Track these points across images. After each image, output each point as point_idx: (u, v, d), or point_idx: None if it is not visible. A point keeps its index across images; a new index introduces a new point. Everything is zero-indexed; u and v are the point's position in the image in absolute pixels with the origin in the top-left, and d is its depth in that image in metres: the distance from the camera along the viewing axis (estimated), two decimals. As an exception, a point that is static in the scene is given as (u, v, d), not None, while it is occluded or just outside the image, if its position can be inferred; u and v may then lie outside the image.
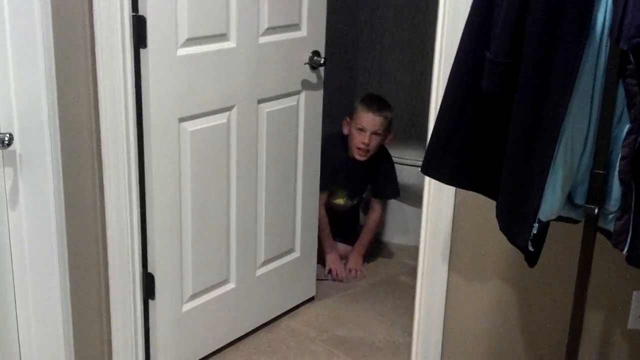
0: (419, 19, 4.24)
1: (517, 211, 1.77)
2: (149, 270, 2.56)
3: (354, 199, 3.72)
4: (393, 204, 4.01)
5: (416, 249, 2.56)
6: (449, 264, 2.42)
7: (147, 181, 2.49)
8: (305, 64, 2.95)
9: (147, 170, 2.47)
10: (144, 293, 2.55)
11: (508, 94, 1.75)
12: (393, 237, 4.02)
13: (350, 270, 3.59)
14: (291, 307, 3.21)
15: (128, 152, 2.39)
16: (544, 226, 1.78)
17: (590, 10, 1.59)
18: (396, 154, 3.85)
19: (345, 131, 3.52)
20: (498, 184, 1.86)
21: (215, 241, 2.77)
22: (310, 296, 3.33)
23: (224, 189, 2.75)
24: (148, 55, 2.37)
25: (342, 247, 3.71)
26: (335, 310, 3.29)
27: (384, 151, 3.64)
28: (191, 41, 2.49)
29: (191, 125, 2.57)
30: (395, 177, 3.71)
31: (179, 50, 2.46)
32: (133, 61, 2.36)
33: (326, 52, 3.04)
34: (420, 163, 1.98)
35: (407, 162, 3.83)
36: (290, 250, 3.16)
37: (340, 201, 3.67)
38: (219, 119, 2.67)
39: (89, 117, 2.32)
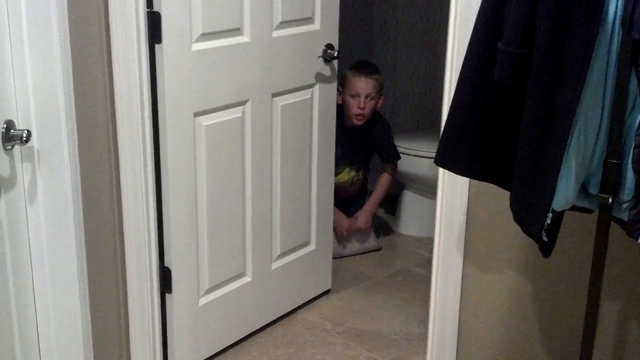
0: (432, 10, 4.25)
1: (530, 201, 1.77)
2: (166, 264, 2.58)
3: (358, 171, 3.76)
4: (404, 195, 4.02)
5: (431, 240, 2.57)
6: (464, 256, 2.43)
7: (163, 175, 2.51)
8: (318, 57, 2.97)
9: (163, 164, 2.49)
10: (161, 287, 2.57)
11: (520, 84, 1.75)
12: (408, 228, 4.04)
13: (359, 223, 3.70)
14: (307, 300, 3.23)
15: (144, 147, 2.41)
16: (558, 216, 1.79)
17: (601, 0, 1.59)
18: (410, 145, 3.86)
19: (339, 100, 3.48)
20: (512, 175, 1.86)
21: (231, 235, 2.78)
22: (326, 289, 3.34)
23: (239, 183, 2.76)
24: (163, 50, 2.39)
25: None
26: (351, 302, 3.30)
27: (377, 115, 3.73)
28: (205, 36, 2.50)
29: (206, 120, 2.58)
30: (392, 140, 3.80)
31: (193, 45, 2.47)
32: (148, 57, 2.37)
33: (339, 45, 3.05)
34: (434, 154, 1.99)
35: (421, 154, 3.83)
36: (306, 243, 3.17)
37: (344, 177, 3.70)
38: (234, 113, 2.69)
39: (105, 112, 2.34)
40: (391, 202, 4.15)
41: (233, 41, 2.62)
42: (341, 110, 3.54)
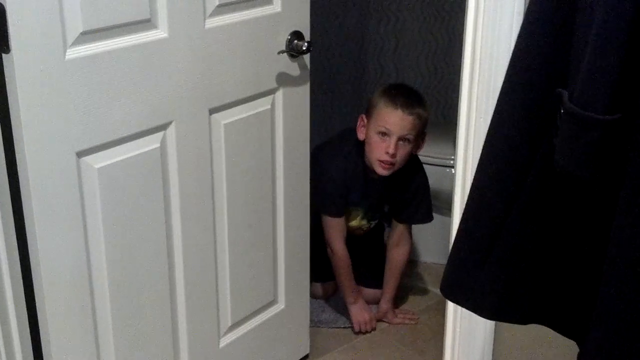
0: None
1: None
2: (46, 369, 1.75)
3: (371, 220, 2.80)
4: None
5: (442, 268, 1.69)
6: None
7: (31, 254, 1.65)
8: (281, 52, 2.08)
9: (30, 238, 1.64)
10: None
11: (605, 176, 0.87)
12: (416, 253, 3.17)
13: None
14: (276, 375, 2.40)
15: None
16: None
17: None
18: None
19: (361, 136, 2.55)
20: (577, 319, 1.00)
21: (153, 315, 1.94)
22: (304, 355, 2.52)
23: (162, 242, 1.91)
24: (13, 63, 1.52)
25: (370, 293, 2.81)
26: (336, 373, 2.48)
27: (415, 163, 2.66)
28: (90, 35, 1.63)
29: (99, 160, 1.72)
30: (429, 197, 2.73)
31: (68, 51, 1.60)
32: (-11, 74, 1.51)
33: (316, 28, 2.17)
34: (449, 160, 1.13)
35: (432, 161, 2.94)
36: (272, 302, 2.34)
37: (353, 223, 2.76)
38: (148, 144, 1.82)
39: None
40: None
41: (141, 38, 1.74)
42: (361, 144, 2.58)
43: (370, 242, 2.88)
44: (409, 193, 2.67)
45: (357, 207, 2.71)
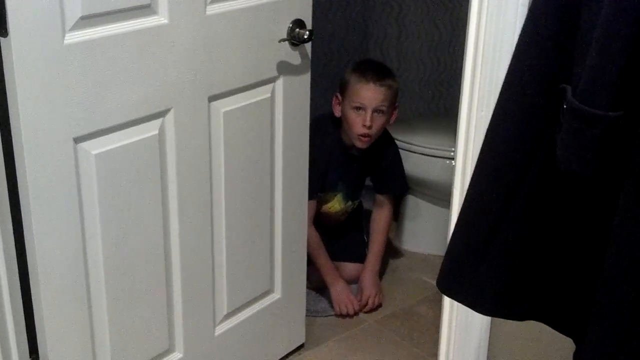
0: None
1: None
2: (41, 356, 1.74)
3: (353, 200, 2.86)
4: (408, 201, 3.13)
5: (440, 259, 1.69)
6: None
7: (26, 235, 1.64)
8: (282, 40, 2.06)
9: (26, 220, 1.63)
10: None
11: (609, 174, 0.86)
12: (412, 244, 3.16)
13: (368, 300, 2.73)
14: (271, 364, 2.40)
15: (-16, 201, 1.54)
16: None
17: None
18: (418, 140, 2.98)
19: (337, 113, 2.65)
20: (575, 315, 0.99)
21: (149, 303, 1.94)
22: (299, 344, 2.51)
23: (159, 228, 1.90)
24: (11, 47, 1.50)
25: (351, 267, 2.84)
26: (331, 362, 2.47)
27: (387, 137, 2.79)
28: (89, 20, 1.61)
29: (96, 146, 1.71)
30: (403, 167, 2.86)
31: (67, 36, 1.58)
32: (-14, 58, 1.50)
33: (318, 16, 2.15)
34: (449, 152, 1.12)
35: (432, 152, 2.94)
36: (268, 292, 2.33)
37: (335, 207, 2.80)
38: (146, 131, 1.81)
39: None
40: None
41: (141, 24, 1.73)
42: (339, 123, 2.69)
43: (348, 220, 2.91)
44: (385, 165, 2.80)
45: (335, 191, 2.76)
